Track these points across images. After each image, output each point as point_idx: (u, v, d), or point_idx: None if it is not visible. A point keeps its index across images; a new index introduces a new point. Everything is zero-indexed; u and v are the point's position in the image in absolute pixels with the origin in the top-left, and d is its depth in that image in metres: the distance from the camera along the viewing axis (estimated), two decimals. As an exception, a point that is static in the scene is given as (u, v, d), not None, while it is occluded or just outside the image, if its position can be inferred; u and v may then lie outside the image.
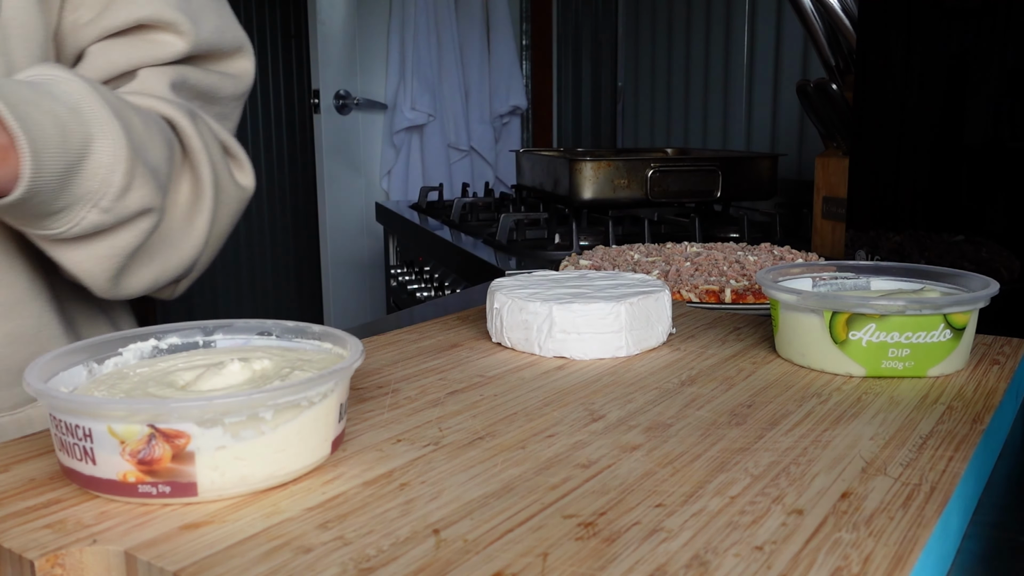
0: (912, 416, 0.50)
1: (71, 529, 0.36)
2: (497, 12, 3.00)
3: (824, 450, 0.45)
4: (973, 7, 0.87)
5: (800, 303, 0.59)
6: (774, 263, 1.03)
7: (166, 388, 0.43)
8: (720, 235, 1.48)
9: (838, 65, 1.23)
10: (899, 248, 0.96)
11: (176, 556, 0.34)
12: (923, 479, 0.41)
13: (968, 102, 0.89)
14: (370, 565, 0.33)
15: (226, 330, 0.51)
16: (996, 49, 0.85)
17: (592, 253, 1.11)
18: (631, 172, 1.52)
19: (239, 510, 0.38)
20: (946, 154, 0.91)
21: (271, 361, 0.46)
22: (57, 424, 0.39)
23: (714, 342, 0.67)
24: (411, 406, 0.52)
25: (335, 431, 0.43)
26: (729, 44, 2.09)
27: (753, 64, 2.02)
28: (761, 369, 0.60)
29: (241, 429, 0.38)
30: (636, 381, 0.57)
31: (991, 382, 0.56)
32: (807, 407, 0.52)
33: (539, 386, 0.56)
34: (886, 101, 0.97)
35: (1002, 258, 0.86)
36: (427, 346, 0.66)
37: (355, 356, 0.43)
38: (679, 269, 0.99)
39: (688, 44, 2.24)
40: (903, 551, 0.34)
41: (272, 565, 0.33)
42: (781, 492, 0.39)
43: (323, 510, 0.38)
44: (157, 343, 0.49)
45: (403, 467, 0.43)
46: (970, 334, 0.59)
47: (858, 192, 1.02)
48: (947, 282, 0.65)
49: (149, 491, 0.37)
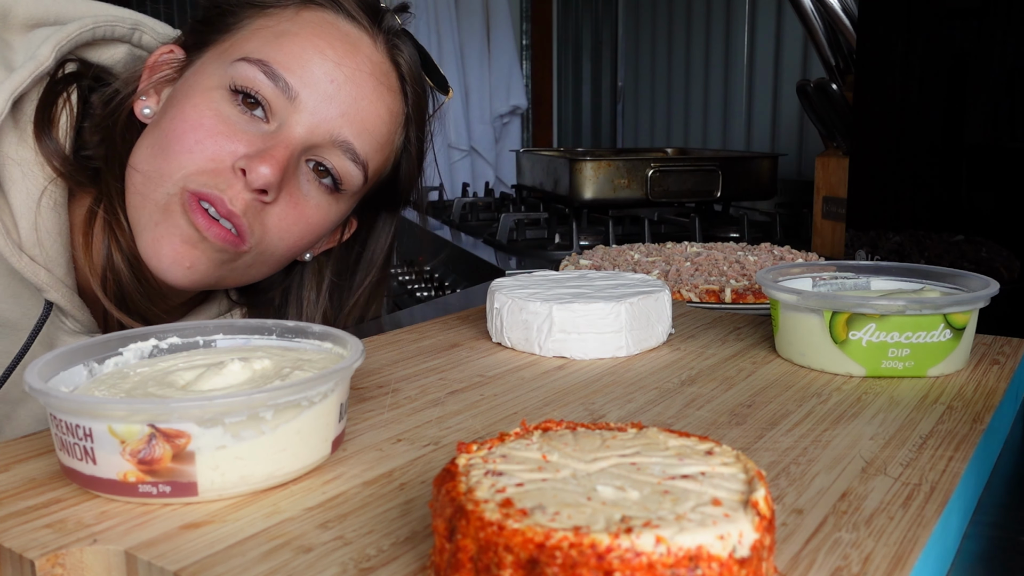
0: (912, 416, 0.50)
1: (71, 529, 0.36)
2: (497, 12, 3.00)
3: (824, 450, 0.45)
4: (973, 7, 0.87)
5: (800, 303, 0.59)
6: (774, 263, 1.03)
7: (166, 388, 0.43)
8: (720, 235, 1.48)
9: (838, 65, 1.23)
10: (899, 248, 0.96)
11: (176, 556, 0.34)
12: (923, 479, 0.41)
13: (968, 102, 0.89)
14: (370, 565, 0.33)
15: (226, 330, 0.51)
16: (996, 49, 0.85)
17: (592, 253, 1.11)
18: (631, 172, 1.52)
19: (239, 510, 0.38)
20: (946, 154, 0.91)
21: (271, 361, 0.46)
22: (57, 424, 0.39)
23: (714, 342, 0.67)
24: (411, 406, 0.52)
25: (335, 431, 0.43)
26: (729, 44, 2.09)
27: (753, 64, 2.02)
28: (761, 369, 0.60)
29: (241, 429, 0.38)
30: (636, 381, 0.57)
31: (991, 382, 0.56)
32: (807, 407, 0.52)
33: (539, 386, 0.56)
34: (886, 101, 0.97)
35: (1002, 258, 0.86)
36: (427, 346, 0.66)
37: (355, 356, 0.43)
38: (679, 269, 0.99)
39: (688, 44, 2.24)
40: (903, 551, 0.34)
41: (272, 565, 0.33)
42: (781, 492, 0.40)
43: (323, 510, 0.38)
44: (157, 343, 0.49)
45: (403, 467, 0.43)
46: (970, 334, 0.59)
47: (858, 192, 1.02)
48: (947, 282, 0.65)
49: (149, 491, 0.38)
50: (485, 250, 1.46)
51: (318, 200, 0.73)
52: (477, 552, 0.29)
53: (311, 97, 0.69)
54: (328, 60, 0.70)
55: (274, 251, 0.74)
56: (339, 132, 0.71)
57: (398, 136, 0.78)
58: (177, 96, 0.71)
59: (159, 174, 0.69)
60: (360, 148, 0.73)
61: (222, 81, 0.69)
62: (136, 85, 0.74)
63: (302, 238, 0.74)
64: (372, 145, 0.74)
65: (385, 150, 0.76)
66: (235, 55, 0.70)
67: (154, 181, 0.69)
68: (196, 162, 0.68)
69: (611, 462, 0.33)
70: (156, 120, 0.72)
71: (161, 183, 0.69)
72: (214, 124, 0.68)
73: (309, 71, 0.69)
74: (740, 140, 2.08)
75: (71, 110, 0.72)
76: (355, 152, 0.72)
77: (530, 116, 3.07)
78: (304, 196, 0.72)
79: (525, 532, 0.27)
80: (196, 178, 0.68)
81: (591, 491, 0.31)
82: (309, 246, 0.77)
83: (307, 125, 0.70)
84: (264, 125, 0.69)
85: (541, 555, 0.27)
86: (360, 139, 0.72)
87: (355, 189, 0.75)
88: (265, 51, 0.69)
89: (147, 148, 0.71)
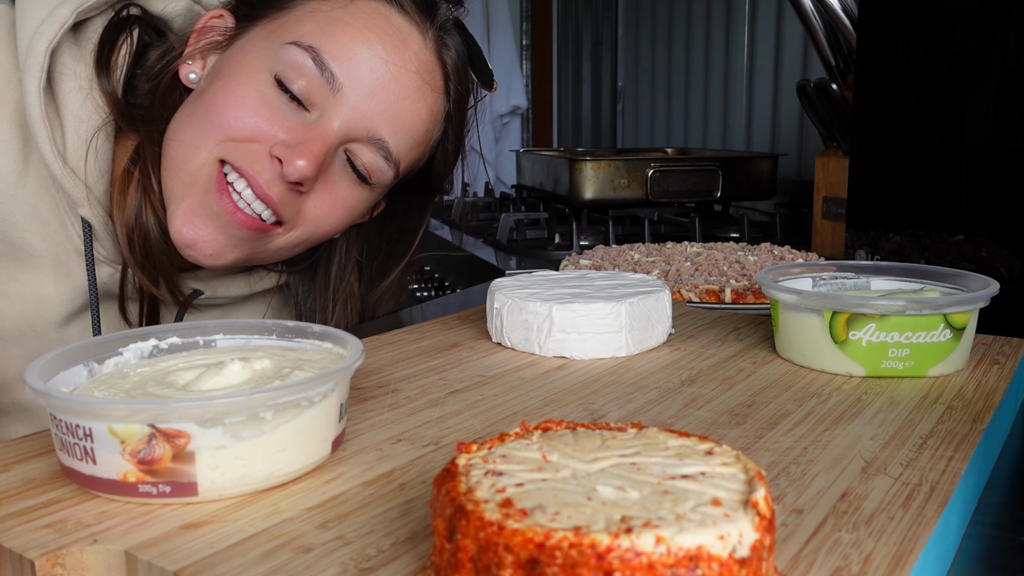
0: (912, 416, 0.50)
1: (71, 529, 0.36)
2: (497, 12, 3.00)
3: (824, 450, 0.45)
4: (973, 7, 0.87)
5: (800, 303, 0.59)
6: (774, 263, 1.03)
7: (166, 388, 0.43)
8: (720, 235, 1.48)
9: (838, 65, 1.23)
10: (899, 248, 0.96)
11: (176, 556, 0.34)
12: (923, 479, 0.41)
13: (968, 102, 0.89)
14: (370, 565, 0.33)
15: (226, 330, 0.51)
16: (996, 49, 0.85)
17: (592, 253, 1.11)
18: (631, 172, 1.52)
19: (239, 510, 0.38)
20: (946, 154, 0.91)
21: (271, 361, 0.46)
22: (57, 424, 0.39)
23: (714, 342, 0.67)
24: (411, 406, 0.52)
25: (335, 431, 0.43)
26: (729, 44, 2.09)
27: (753, 64, 2.02)
28: (761, 369, 0.60)
29: (241, 429, 0.38)
30: (636, 381, 0.57)
31: (991, 382, 0.56)
32: (807, 407, 0.52)
33: (539, 386, 0.56)
34: (886, 101, 0.97)
35: (1002, 258, 0.86)
36: (427, 346, 0.66)
37: (355, 356, 0.43)
38: (679, 269, 0.99)
39: (688, 44, 2.24)
40: (903, 551, 0.34)
41: (272, 565, 0.33)
42: (781, 492, 0.40)
43: (323, 510, 0.38)
44: (157, 343, 0.49)
45: (403, 467, 0.43)
46: (970, 334, 0.59)
47: (858, 192, 1.02)
48: (947, 282, 0.65)
49: (149, 491, 0.37)
50: (485, 250, 1.46)
51: (350, 187, 0.75)
52: (477, 552, 0.28)
53: (354, 92, 0.70)
54: (376, 55, 0.70)
55: (311, 236, 0.76)
56: (376, 130, 0.72)
57: (436, 132, 0.79)
58: (223, 69, 0.72)
59: (194, 144, 0.70)
60: (394, 147, 0.73)
61: (270, 63, 0.70)
62: (184, 48, 0.74)
63: (338, 223, 0.76)
64: (408, 144, 0.75)
65: (421, 147, 0.77)
66: (286, 36, 0.70)
67: (189, 151, 0.70)
68: (233, 134, 0.69)
69: (611, 462, 0.33)
70: (199, 90, 0.73)
71: (196, 152, 0.70)
72: (256, 105, 0.69)
73: (356, 64, 0.70)
74: (740, 140, 2.08)
75: (130, 49, 0.73)
76: (388, 150, 0.73)
77: (530, 116, 3.07)
78: (338, 183, 0.74)
79: (525, 532, 0.27)
80: (231, 149, 0.69)
81: (591, 491, 0.31)
82: (345, 228, 0.79)
83: (346, 119, 0.70)
84: (305, 113, 0.70)
85: (541, 555, 0.27)
86: (396, 137, 0.73)
87: (385, 184, 0.76)
88: (315, 37, 0.70)
89: (186, 116, 0.72)
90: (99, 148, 0.71)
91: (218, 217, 0.70)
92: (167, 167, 0.71)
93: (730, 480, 0.32)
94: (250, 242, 0.72)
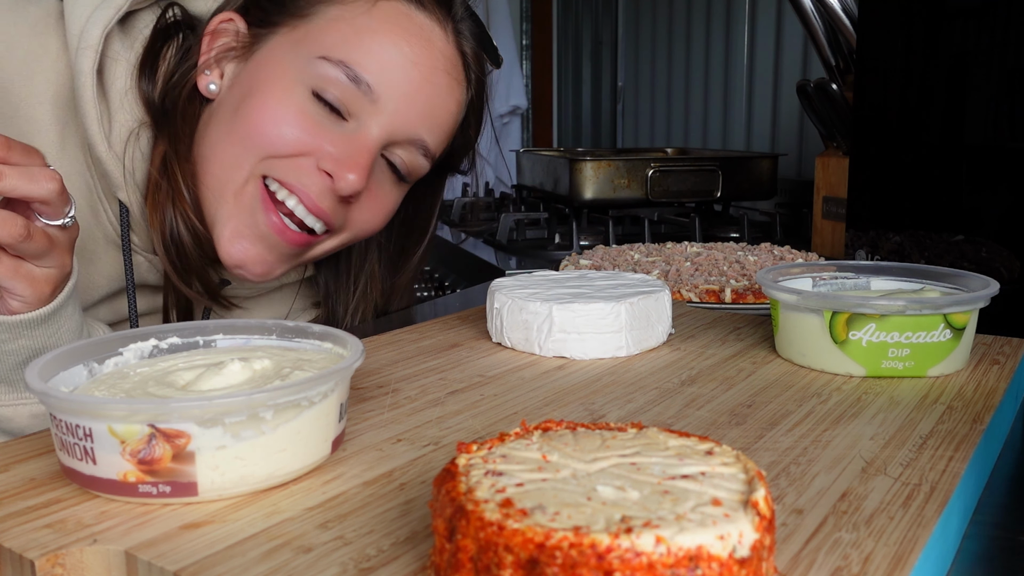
0: (912, 416, 0.50)
1: (71, 529, 0.36)
2: (497, 12, 3.00)
3: (824, 450, 0.45)
4: (973, 7, 0.87)
5: (800, 303, 0.59)
6: (774, 263, 1.03)
7: (166, 388, 0.43)
8: (720, 235, 1.48)
9: (838, 65, 1.23)
10: (899, 248, 0.96)
11: (176, 556, 0.34)
12: (923, 479, 0.41)
13: (968, 102, 0.89)
14: (370, 565, 0.33)
15: (226, 330, 0.51)
16: (996, 49, 0.85)
17: (592, 253, 1.11)
18: (631, 172, 1.52)
19: (239, 510, 0.38)
20: (946, 154, 0.91)
21: (271, 361, 0.46)
22: (57, 424, 0.39)
23: (714, 342, 0.67)
24: (411, 406, 0.52)
25: (335, 431, 0.43)
26: (729, 44, 2.09)
27: (753, 64, 2.02)
28: (761, 369, 0.60)
29: (241, 429, 0.38)
30: (636, 381, 0.57)
31: (991, 382, 0.56)
32: (807, 407, 0.52)
33: (539, 386, 0.56)
34: (886, 101, 0.97)
35: (1002, 258, 0.86)
36: (427, 346, 0.66)
37: (355, 356, 0.43)
38: (679, 269, 0.99)
39: (688, 44, 2.24)
40: (903, 551, 0.34)
41: (272, 565, 0.33)
42: (781, 492, 0.40)
43: (323, 510, 0.38)
44: (157, 343, 0.49)
45: (403, 467, 0.43)
46: (970, 334, 0.59)
47: (858, 192, 1.02)
48: (947, 282, 0.65)
49: (149, 491, 0.37)
50: (485, 250, 1.46)
51: (391, 187, 0.77)
52: (477, 552, 0.28)
53: (391, 99, 0.71)
54: (406, 59, 0.71)
55: (355, 237, 0.78)
56: (415, 131, 0.74)
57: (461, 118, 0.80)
58: (252, 83, 0.72)
59: (235, 163, 0.70)
60: (432, 143, 0.76)
61: (302, 77, 0.70)
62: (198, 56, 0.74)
63: (381, 223, 0.79)
64: (441, 138, 0.77)
65: (450, 136, 0.80)
66: (313, 50, 0.71)
67: (230, 170, 0.70)
68: (277, 150, 0.69)
69: (611, 462, 0.33)
70: (229, 105, 0.73)
71: (237, 171, 0.70)
72: (297, 120, 0.70)
73: (389, 72, 0.71)
74: (740, 140, 2.08)
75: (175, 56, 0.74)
76: (427, 148, 0.75)
77: (530, 116, 3.07)
78: (380, 185, 0.76)
79: (525, 532, 0.27)
80: (274, 166, 0.70)
81: (591, 491, 0.31)
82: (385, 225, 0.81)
83: (386, 127, 0.72)
84: (344, 123, 0.71)
85: (541, 555, 0.27)
86: (432, 134, 0.75)
87: (420, 176, 0.79)
88: (345, 50, 0.70)
89: (224, 135, 0.72)
90: (140, 134, 0.72)
91: (267, 237, 0.71)
92: (207, 187, 0.72)
93: (730, 480, 0.32)
94: (298, 255, 0.74)
